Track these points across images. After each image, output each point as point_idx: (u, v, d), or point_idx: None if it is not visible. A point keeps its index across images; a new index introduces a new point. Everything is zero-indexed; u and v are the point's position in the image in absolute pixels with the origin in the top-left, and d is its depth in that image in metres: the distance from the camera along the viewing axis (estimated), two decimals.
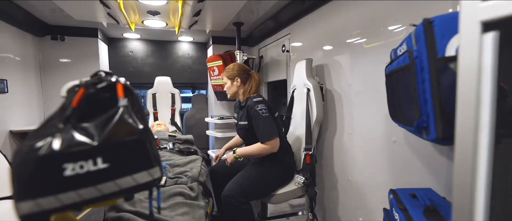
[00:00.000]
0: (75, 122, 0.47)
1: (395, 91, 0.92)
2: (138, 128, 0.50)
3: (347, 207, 1.71)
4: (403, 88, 0.82)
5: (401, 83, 0.83)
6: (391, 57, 1.07)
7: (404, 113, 0.84)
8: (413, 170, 1.23)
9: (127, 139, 0.48)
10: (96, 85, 0.49)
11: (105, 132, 0.47)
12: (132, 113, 0.50)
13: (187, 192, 1.34)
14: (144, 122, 0.52)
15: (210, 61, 2.86)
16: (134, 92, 0.53)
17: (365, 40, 1.47)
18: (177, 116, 3.22)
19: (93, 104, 0.49)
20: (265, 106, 1.59)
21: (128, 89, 0.51)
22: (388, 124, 1.34)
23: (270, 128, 1.55)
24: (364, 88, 1.50)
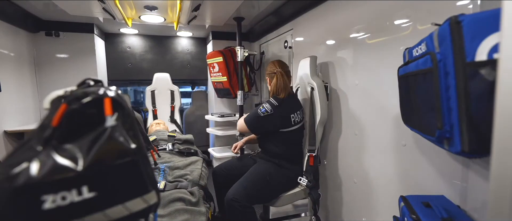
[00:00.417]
0: (56, 143, 0.41)
1: (411, 96, 0.85)
2: (130, 148, 0.43)
3: (351, 210, 1.66)
4: (422, 93, 0.75)
5: (420, 88, 0.76)
6: (404, 58, 1.00)
7: (422, 119, 0.78)
8: (424, 175, 1.17)
9: (117, 161, 0.42)
10: (81, 99, 0.42)
11: (91, 154, 0.40)
12: (123, 131, 0.43)
13: (187, 198, 1.29)
14: (138, 140, 0.46)
15: (210, 58, 2.78)
16: (126, 106, 0.46)
17: (372, 37, 1.40)
18: (176, 113, 3.15)
19: (78, 122, 0.42)
20: (268, 109, 1.57)
21: (118, 103, 0.45)
22: (398, 127, 1.28)
23: (251, 120, 1.65)
24: (371, 88, 1.43)
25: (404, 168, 1.26)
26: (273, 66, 1.71)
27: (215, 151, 2.94)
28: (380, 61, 1.36)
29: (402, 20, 1.22)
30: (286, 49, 2.41)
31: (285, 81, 1.65)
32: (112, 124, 0.39)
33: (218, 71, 2.71)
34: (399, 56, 1.22)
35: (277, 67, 1.69)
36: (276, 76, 1.66)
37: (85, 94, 0.42)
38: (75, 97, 0.42)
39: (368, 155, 1.48)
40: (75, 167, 0.40)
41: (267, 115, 1.57)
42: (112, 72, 3.26)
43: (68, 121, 0.41)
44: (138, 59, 3.38)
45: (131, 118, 0.47)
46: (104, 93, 0.43)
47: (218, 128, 2.99)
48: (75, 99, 0.42)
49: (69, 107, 0.41)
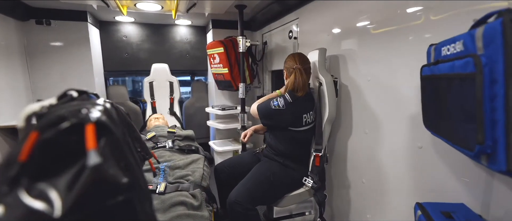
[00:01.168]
0: (27, 182, 0.32)
1: (441, 101, 0.76)
2: (121, 184, 0.34)
3: (358, 209, 1.61)
4: (457, 100, 0.66)
5: (454, 94, 0.67)
6: (429, 55, 0.90)
7: (454, 129, 0.69)
8: (441, 180, 1.10)
9: (106, 202, 0.33)
10: (56, 126, 0.33)
11: (72, 194, 0.31)
12: (112, 162, 0.34)
13: (189, 201, 1.22)
14: (131, 170, 0.37)
15: (210, 48, 2.65)
16: (115, 132, 0.37)
17: (386, 29, 1.29)
18: (176, 105, 3.06)
19: (54, 153, 0.33)
20: (281, 104, 1.49)
21: (105, 126, 0.36)
22: (414, 128, 1.19)
23: (262, 109, 1.57)
24: (386, 85, 1.33)
25: (419, 171, 1.19)
26: (293, 61, 1.56)
27: (216, 144, 2.87)
28: (396, 56, 1.25)
29: (419, 10, 1.11)
30: (291, 40, 2.29)
31: (304, 80, 1.52)
32: (95, 162, 0.30)
33: (218, 62, 2.59)
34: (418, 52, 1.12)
35: (297, 63, 1.54)
36: (295, 73, 1.53)
37: (61, 119, 0.33)
38: (49, 123, 0.33)
39: (379, 155, 1.41)
40: (52, 211, 0.31)
41: (278, 109, 1.48)
42: (108, 62, 3.13)
43: (41, 153, 0.32)
44: (135, 49, 3.24)
45: (123, 141, 0.38)
46: (86, 117, 0.34)
47: (219, 121, 2.90)
48: (48, 126, 0.32)
49: (41, 137, 0.32)
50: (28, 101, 2.41)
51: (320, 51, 1.62)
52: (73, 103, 0.40)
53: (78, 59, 2.60)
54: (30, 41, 2.44)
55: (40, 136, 0.32)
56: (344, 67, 1.62)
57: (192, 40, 3.47)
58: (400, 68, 1.24)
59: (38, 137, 0.32)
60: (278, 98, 1.52)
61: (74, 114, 0.34)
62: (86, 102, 0.41)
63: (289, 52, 2.34)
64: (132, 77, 5.27)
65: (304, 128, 1.53)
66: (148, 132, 1.87)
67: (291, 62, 1.57)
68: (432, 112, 0.84)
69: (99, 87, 2.82)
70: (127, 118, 0.75)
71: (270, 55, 2.74)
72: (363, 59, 1.47)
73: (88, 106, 0.38)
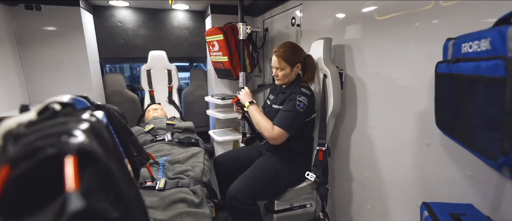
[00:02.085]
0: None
1: (459, 103, 0.71)
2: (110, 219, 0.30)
3: (360, 204, 1.60)
4: (480, 104, 0.61)
5: (477, 97, 0.61)
6: (446, 51, 0.83)
7: (475, 136, 0.64)
8: (449, 179, 1.07)
9: None
10: (32, 158, 0.28)
11: None
12: (98, 196, 0.30)
13: (190, 198, 1.19)
14: (122, 202, 0.32)
15: (209, 35, 2.55)
16: (102, 159, 0.32)
17: (399, 20, 1.21)
18: (174, 94, 3.00)
19: (31, 188, 0.28)
20: (306, 102, 1.41)
21: (90, 155, 0.30)
22: (423, 124, 1.15)
23: (292, 123, 1.39)
24: (394, 78, 1.27)
25: (426, 169, 1.16)
26: (300, 49, 1.54)
27: (216, 133, 2.83)
28: (408, 49, 1.18)
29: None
30: (294, 27, 2.19)
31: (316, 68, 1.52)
32: (77, 207, 0.25)
33: (218, 50, 2.50)
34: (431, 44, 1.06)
35: (302, 50, 1.55)
36: (307, 62, 1.52)
37: (36, 150, 0.27)
38: (22, 156, 0.27)
39: (385, 151, 1.37)
40: None
41: (306, 108, 1.41)
42: (103, 49, 3.02)
43: (14, 189, 0.27)
44: (130, 35, 3.12)
45: (110, 177, 0.33)
46: (66, 145, 0.29)
47: (219, 110, 2.85)
48: (21, 159, 0.27)
49: (14, 172, 0.27)
50: (22, 91, 2.34)
51: (325, 41, 1.54)
52: (54, 121, 0.35)
53: (72, 46, 2.50)
54: (21, 28, 2.33)
55: (12, 171, 0.27)
56: (350, 58, 1.55)
57: (190, 26, 3.34)
58: (411, 61, 1.17)
59: (10, 171, 0.27)
60: (299, 98, 1.40)
61: (51, 142, 0.29)
62: (70, 120, 0.36)
63: (291, 40, 2.24)
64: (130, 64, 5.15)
65: (309, 119, 1.49)
66: (147, 124, 1.82)
67: (301, 52, 1.51)
68: (447, 112, 0.79)
69: (95, 75, 2.74)
70: (122, 120, 0.70)
71: (272, 43, 2.64)
72: (371, 49, 1.40)
73: (70, 127, 0.33)
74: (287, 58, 1.46)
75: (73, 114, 0.39)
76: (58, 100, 0.40)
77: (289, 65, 1.47)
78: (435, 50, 1.05)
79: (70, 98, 0.44)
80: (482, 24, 0.88)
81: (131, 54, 3.17)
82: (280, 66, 1.47)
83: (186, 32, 3.34)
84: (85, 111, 0.56)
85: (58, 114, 0.39)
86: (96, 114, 0.46)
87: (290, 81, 1.53)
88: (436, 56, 1.04)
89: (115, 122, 0.66)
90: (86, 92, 2.53)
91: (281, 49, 1.48)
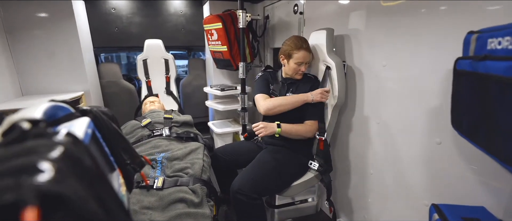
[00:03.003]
0: None
1: (484, 104, 0.64)
2: None
3: (364, 200, 1.57)
4: (505, 108, 0.55)
5: (508, 102, 0.55)
6: (468, 46, 0.76)
7: (502, 142, 0.58)
8: (460, 180, 1.03)
9: None
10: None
11: None
12: None
13: (189, 198, 1.15)
14: None
15: (207, 23, 2.44)
16: (77, 203, 0.25)
17: (411, 6, 1.12)
18: (172, 84, 2.91)
19: None
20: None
21: (61, 200, 0.24)
22: (434, 122, 1.09)
23: (320, 112, 1.52)
24: (404, 72, 1.20)
25: (435, 168, 1.11)
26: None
27: (215, 125, 2.78)
28: (419, 40, 1.11)
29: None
30: (296, 14, 2.08)
31: None
32: None
33: (216, 39, 2.39)
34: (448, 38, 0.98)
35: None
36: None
37: None
38: None
39: (392, 147, 1.32)
40: None
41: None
42: (97, 38, 2.90)
43: None
44: (125, 23, 2.99)
45: (92, 209, 0.26)
46: (28, 191, 0.22)
47: (218, 101, 2.78)
48: None
49: None
50: (13, 83, 2.25)
51: (328, 32, 1.46)
52: (18, 148, 0.28)
53: (64, 35, 2.38)
54: (8, 16, 2.21)
55: None
56: (358, 49, 1.46)
57: (187, 13, 3.20)
58: (423, 53, 1.10)
59: None
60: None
61: (9, 184, 0.22)
62: (39, 145, 0.29)
63: (293, 29, 2.15)
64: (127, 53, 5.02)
65: None
66: (144, 118, 1.76)
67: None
68: (467, 114, 0.72)
69: (89, 65, 2.63)
70: (113, 125, 0.64)
71: (272, 31, 2.53)
72: (380, 42, 1.32)
73: (36, 159, 0.26)
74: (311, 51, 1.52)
75: (44, 134, 0.32)
76: (27, 117, 0.34)
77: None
78: (451, 43, 0.98)
79: (43, 113, 0.37)
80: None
81: (126, 43, 3.06)
82: (310, 59, 1.52)
83: (183, 20, 3.21)
84: (68, 120, 0.50)
85: (27, 134, 0.32)
86: (76, 129, 0.40)
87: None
88: (451, 50, 0.97)
89: (104, 128, 0.60)
90: (80, 83, 2.46)
91: (306, 44, 1.49)
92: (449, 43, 0.99)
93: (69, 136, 0.33)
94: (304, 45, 1.46)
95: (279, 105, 1.47)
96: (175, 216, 1.06)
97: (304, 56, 1.46)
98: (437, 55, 1.04)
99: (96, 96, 2.66)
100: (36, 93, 2.35)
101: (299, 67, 1.48)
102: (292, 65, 1.49)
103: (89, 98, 2.49)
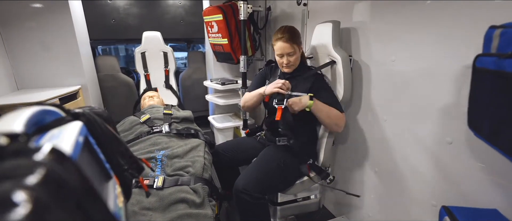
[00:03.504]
0: None
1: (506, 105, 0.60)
2: None
3: (367, 198, 1.54)
4: None
5: None
6: (490, 43, 0.71)
7: None
8: (471, 181, 0.99)
9: None
10: None
11: None
12: None
13: (191, 198, 1.11)
14: None
15: (207, 15, 2.35)
16: None
17: None
18: (171, 77, 2.85)
19: None
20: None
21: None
22: (445, 120, 1.05)
23: (339, 104, 1.38)
24: (415, 68, 1.14)
25: (446, 169, 1.07)
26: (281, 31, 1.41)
27: (215, 120, 2.73)
28: (433, 34, 1.05)
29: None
30: (299, 6, 2.00)
31: None
32: None
33: (217, 31, 2.32)
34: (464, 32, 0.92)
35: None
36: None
37: None
38: None
39: (399, 145, 1.28)
40: None
41: None
42: (93, 30, 2.81)
43: None
44: (122, 14, 2.90)
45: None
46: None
47: (219, 95, 2.73)
48: None
49: None
50: (8, 75, 2.18)
51: (334, 25, 1.39)
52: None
53: (59, 27, 2.30)
54: (0, 8, 2.12)
55: None
56: (366, 43, 1.40)
57: (186, 4, 3.11)
58: (435, 48, 1.04)
59: None
60: (326, 79, 1.44)
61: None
62: (17, 166, 0.25)
63: (297, 21, 2.08)
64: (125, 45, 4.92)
65: None
66: (143, 114, 1.71)
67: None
68: (488, 116, 0.68)
69: (86, 58, 2.56)
70: (108, 127, 0.59)
71: (275, 23, 2.45)
72: (389, 35, 1.26)
73: (10, 188, 0.22)
74: (295, 40, 1.36)
75: (24, 151, 0.28)
76: (6, 131, 0.29)
77: (298, 47, 1.39)
78: (467, 38, 0.93)
79: (24, 124, 0.32)
80: None
81: (123, 35, 2.98)
82: (293, 50, 1.36)
83: (182, 11, 3.12)
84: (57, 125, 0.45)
85: (4, 152, 0.27)
86: (64, 140, 0.35)
87: (297, 64, 1.42)
88: (467, 45, 0.92)
89: (99, 132, 0.55)
90: (77, 76, 2.39)
91: (286, 34, 1.35)
92: (465, 38, 0.93)
93: (53, 153, 0.28)
94: (282, 35, 1.33)
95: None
96: (176, 217, 1.03)
97: (282, 47, 1.34)
98: (451, 51, 0.98)
99: (93, 90, 2.60)
100: (32, 87, 2.29)
101: (281, 59, 1.38)
102: (276, 58, 1.41)
103: (87, 92, 2.43)
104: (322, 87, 1.36)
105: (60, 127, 0.45)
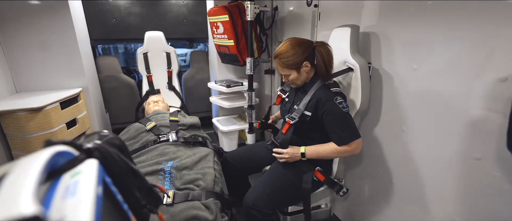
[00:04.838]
0: None
1: None
2: None
3: (381, 211, 1.49)
4: None
5: None
6: None
7: None
8: (499, 201, 0.94)
9: None
10: None
11: None
12: None
13: (203, 215, 1.06)
14: None
15: (212, 15, 2.27)
16: None
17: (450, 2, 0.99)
18: (174, 79, 2.77)
19: None
20: (345, 100, 1.22)
21: None
22: (473, 135, 0.99)
23: (354, 126, 1.23)
24: (440, 78, 1.08)
25: (472, 188, 1.02)
26: (305, 42, 1.26)
27: (220, 122, 2.67)
28: (462, 41, 0.98)
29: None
30: (310, 7, 1.92)
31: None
32: None
33: (222, 32, 2.24)
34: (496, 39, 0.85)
35: (308, 41, 1.28)
36: (318, 52, 1.24)
37: None
38: None
39: (418, 159, 1.22)
40: None
41: (347, 105, 1.22)
42: (94, 29, 2.72)
43: None
44: (123, 14, 2.81)
45: None
46: None
47: (223, 98, 2.66)
48: None
49: None
50: (5, 78, 2.10)
51: (353, 29, 1.32)
52: None
53: (59, 27, 2.21)
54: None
55: None
56: (388, 50, 1.31)
57: (189, 3, 3.02)
58: (462, 56, 0.98)
59: None
60: (339, 98, 1.20)
61: None
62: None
63: (306, 23, 2.01)
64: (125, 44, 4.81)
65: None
66: (148, 120, 1.64)
67: (306, 47, 1.24)
68: None
69: (86, 59, 2.48)
70: (124, 160, 0.53)
71: (282, 25, 2.37)
72: (409, 42, 1.19)
73: None
74: (290, 64, 1.24)
75: None
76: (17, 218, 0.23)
77: (294, 70, 1.26)
78: (502, 47, 0.86)
79: (33, 201, 0.26)
80: None
81: (125, 35, 2.89)
82: (289, 72, 1.27)
83: (185, 10, 3.03)
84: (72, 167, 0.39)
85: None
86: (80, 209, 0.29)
87: (307, 80, 1.31)
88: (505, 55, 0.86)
89: (115, 168, 0.48)
90: (78, 78, 2.31)
91: (282, 57, 1.24)
92: (501, 47, 0.87)
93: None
94: (278, 54, 1.25)
95: None
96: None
97: (277, 65, 1.29)
98: (484, 60, 0.92)
99: (94, 92, 2.53)
100: (31, 90, 2.21)
101: (285, 77, 1.30)
102: None
103: (88, 95, 2.35)
104: (329, 112, 1.20)
105: (74, 168, 0.40)
